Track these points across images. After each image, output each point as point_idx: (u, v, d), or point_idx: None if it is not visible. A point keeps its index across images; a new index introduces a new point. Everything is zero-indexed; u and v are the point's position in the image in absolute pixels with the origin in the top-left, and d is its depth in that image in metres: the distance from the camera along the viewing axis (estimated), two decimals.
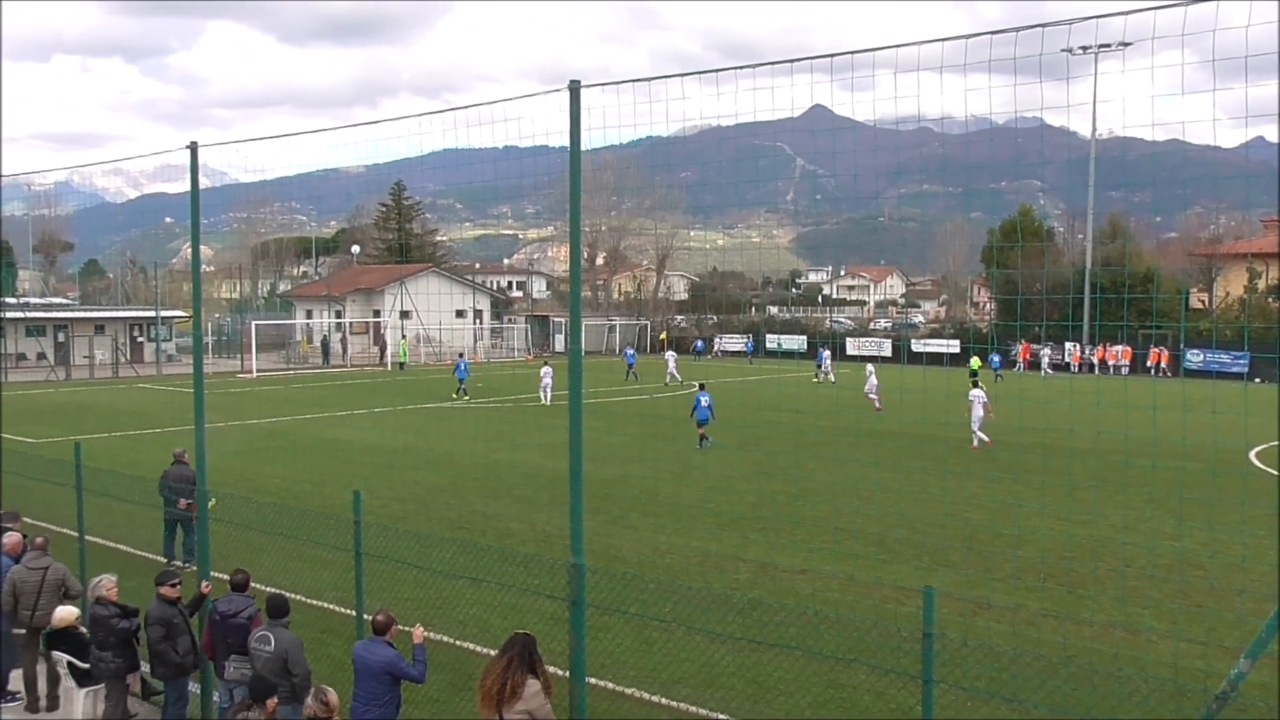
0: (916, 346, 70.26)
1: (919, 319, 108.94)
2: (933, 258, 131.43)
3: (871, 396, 38.85)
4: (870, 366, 41.66)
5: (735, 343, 79.00)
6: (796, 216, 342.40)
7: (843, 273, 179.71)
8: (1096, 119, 68.07)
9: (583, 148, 8.22)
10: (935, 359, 68.31)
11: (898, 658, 8.28)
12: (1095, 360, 61.89)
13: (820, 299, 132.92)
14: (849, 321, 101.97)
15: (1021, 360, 63.40)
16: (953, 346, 70.05)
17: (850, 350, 72.38)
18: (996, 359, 57.54)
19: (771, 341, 75.62)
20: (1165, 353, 59.54)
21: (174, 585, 10.54)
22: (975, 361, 53.21)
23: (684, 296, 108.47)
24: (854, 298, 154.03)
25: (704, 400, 29.37)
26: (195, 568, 16.43)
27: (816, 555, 17.09)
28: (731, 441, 30.12)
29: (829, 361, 54.86)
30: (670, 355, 54.95)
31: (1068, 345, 64.48)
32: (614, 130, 8.38)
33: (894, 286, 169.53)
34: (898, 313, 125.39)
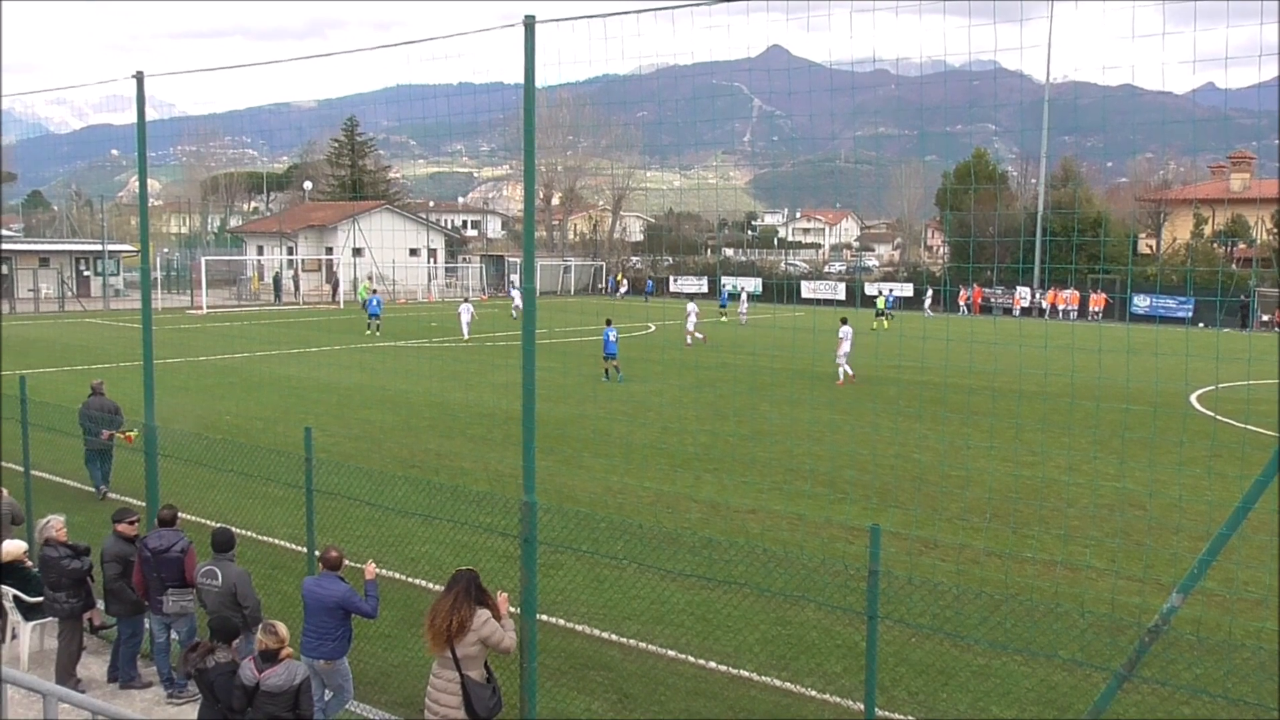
0: (870, 290, 70.73)
1: (873, 262, 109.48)
2: (888, 201, 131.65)
3: (689, 329, 41.32)
4: (691, 305, 43.50)
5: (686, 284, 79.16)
6: (753, 158, 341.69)
7: (798, 215, 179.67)
8: (1051, 62, 68.37)
9: (538, 85, 8.12)
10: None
11: (844, 595, 8.43)
12: (1046, 305, 62.70)
13: (776, 241, 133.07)
14: (804, 264, 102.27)
15: (972, 303, 64.19)
16: (906, 290, 70.72)
17: (805, 293, 72.75)
18: (891, 297, 60.85)
19: (728, 283, 75.69)
20: (1103, 297, 60.92)
21: (132, 523, 10.48)
22: (881, 301, 55.81)
23: (640, 238, 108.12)
24: (809, 240, 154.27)
25: (611, 335, 30.61)
26: (107, 493, 16.76)
27: (767, 495, 17.30)
28: (686, 382, 30.27)
29: (745, 303, 55.20)
30: (465, 308, 46.04)
31: (1019, 289, 65.31)
32: (571, 68, 8.30)
33: (849, 230, 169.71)
34: (852, 256, 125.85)
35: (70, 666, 10.29)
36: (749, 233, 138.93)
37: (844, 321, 31.76)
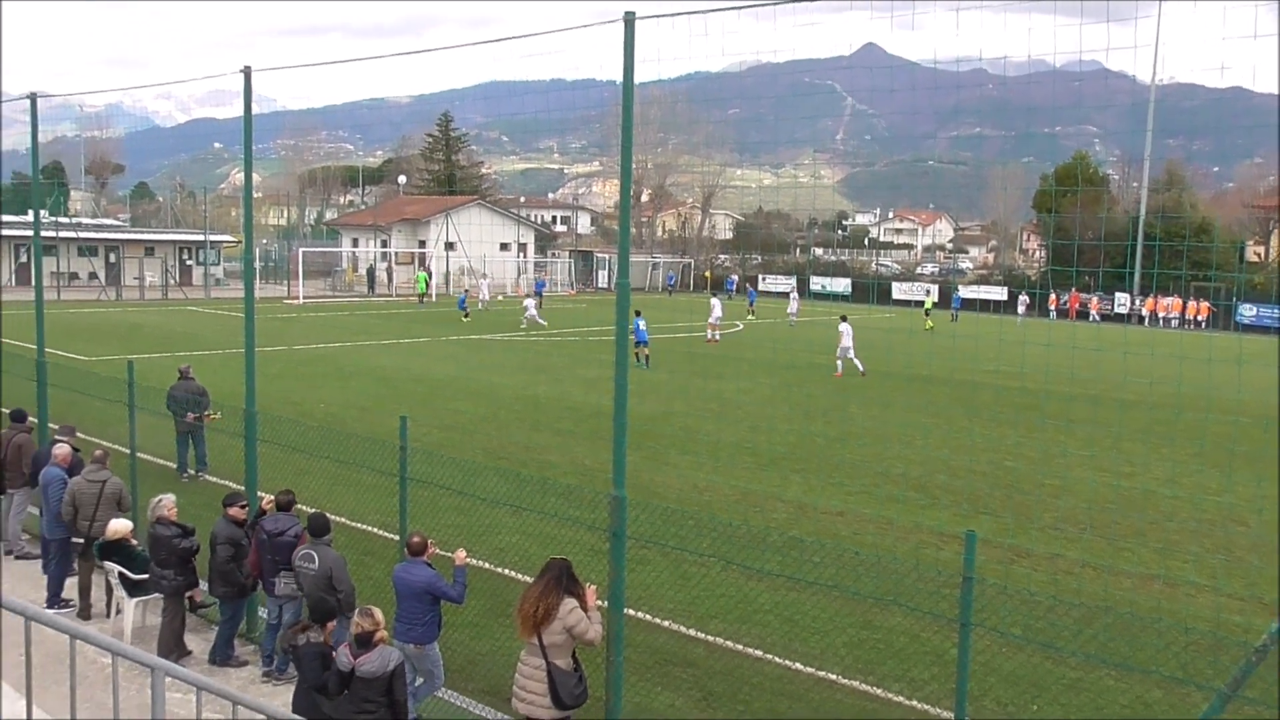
0: (964, 293, 69.57)
1: (966, 265, 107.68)
2: (983, 202, 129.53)
3: (714, 322, 41.96)
4: (715, 299, 43.87)
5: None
6: (845, 157, 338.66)
7: (890, 215, 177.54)
8: (1158, 63, 66.45)
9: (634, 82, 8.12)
10: (983, 306, 67.67)
11: (934, 601, 8.30)
12: (1145, 312, 61.17)
13: (866, 241, 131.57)
14: (895, 265, 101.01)
15: (1068, 308, 62.93)
16: (1000, 293, 69.41)
17: (896, 294, 71.92)
18: (958, 300, 60.54)
19: (817, 284, 75.09)
20: (1205, 305, 59.29)
21: (243, 506, 10.78)
22: (929, 301, 55.51)
23: (728, 235, 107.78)
24: (901, 241, 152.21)
25: (641, 324, 31.91)
26: (204, 476, 17.36)
27: (855, 498, 17.12)
28: (776, 381, 30.11)
29: (795, 303, 53.80)
30: (530, 301, 48.92)
31: (1117, 295, 63.82)
32: (664, 65, 8.26)
33: (942, 231, 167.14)
34: (945, 258, 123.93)
35: (172, 642, 10.60)
36: (839, 232, 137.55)
37: (843, 319, 32.81)
